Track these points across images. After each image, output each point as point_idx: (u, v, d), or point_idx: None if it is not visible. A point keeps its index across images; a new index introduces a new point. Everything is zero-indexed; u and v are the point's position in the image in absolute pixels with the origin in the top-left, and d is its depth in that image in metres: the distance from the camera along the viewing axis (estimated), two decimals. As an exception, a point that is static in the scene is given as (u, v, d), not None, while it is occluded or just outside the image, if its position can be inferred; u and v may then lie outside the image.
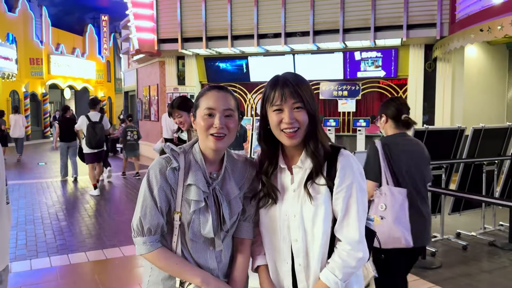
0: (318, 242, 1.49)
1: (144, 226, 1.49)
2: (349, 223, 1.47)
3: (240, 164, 1.64)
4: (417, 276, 4.13)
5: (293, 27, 10.70)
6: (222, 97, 1.54)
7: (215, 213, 1.53)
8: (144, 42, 12.07)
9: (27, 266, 4.47)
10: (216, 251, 1.57)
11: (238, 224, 1.63)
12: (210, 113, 1.52)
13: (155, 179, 1.50)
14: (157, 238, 1.52)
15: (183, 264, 1.52)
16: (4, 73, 17.33)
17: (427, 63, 10.68)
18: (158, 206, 1.50)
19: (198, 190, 1.50)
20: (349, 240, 1.47)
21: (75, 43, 28.51)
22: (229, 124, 1.53)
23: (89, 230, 5.75)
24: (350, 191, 1.47)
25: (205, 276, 1.51)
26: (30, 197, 7.92)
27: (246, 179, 1.63)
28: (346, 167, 1.49)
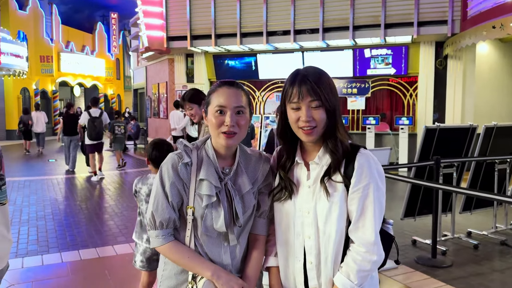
0: (331, 241, 1.46)
1: (156, 220, 1.52)
2: (365, 224, 1.44)
3: (254, 159, 1.63)
4: (427, 275, 4.10)
5: (302, 24, 10.68)
6: (233, 94, 1.53)
7: (228, 207, 1.54)
8: (154, 40, 12.11)
9: (38, 261, 4.50)
10: (230, 246, 1.57)
11: (254, 220, 1.63)
12: (221, 110, 1.51)
13: (167, 175, 1.53)
14: (169, 231, 1.54)
15: (195, 258, 1.53)
16: (15, 70, 17.48)
17: (438, 60, 10.61)
18: (169, 201, 1.52)
19: (210, 185, 1.50)
20: (363, 242, 1.43)
21: (84, 41, 28.69)
22: (240, 121, 1.52)
23: (99, 226, 5.79)
24: (366, 191, 1.43)
25: (216, 269, 1.51)
26: (41, 194, 7.99)
27: (260, 174, 1.61)
28: (364, 166, 1.44)
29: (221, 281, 1.49)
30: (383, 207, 1.48)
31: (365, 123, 10.76)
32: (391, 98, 11.71)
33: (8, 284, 3.83)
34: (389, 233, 1.58)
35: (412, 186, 4.96)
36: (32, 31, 22.52)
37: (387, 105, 11.77)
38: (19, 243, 5.07)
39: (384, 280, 3.99)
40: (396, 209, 6.32)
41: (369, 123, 10.66)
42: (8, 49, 16.53)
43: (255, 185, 1.60)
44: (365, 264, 1.43)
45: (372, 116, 10.86)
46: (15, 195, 7.79)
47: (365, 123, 10.78)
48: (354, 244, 1.46)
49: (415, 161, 4.89)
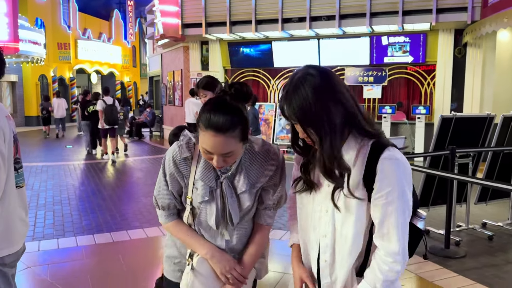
0: (348, 242, 1.40)
1: (158, 203, 1.65)
2: (389, 232, 1.34)
3: (259, 159, 1.60)
4: (440, 265, 4.07)
5: (318, 11, 10.53)
6: (218, 143, 1.42)
7: (221, 206, 1.58)
8: (169, 27, 12.10)
9: (54, 244, 4.60)
10: (226, 238, 1.64)
11: (258, 211, 1.68)
12: (208, 152, 1.46)
13: (168, 166, 1.60)
14: (171, 212, 1.66)
15: (193, 237, 1.63)
16: (33, 57, 17.70)
17: (457, 48, 10.38)
18: (169, 189, 1.61)
19: (204, 185, 1.55)
20: (389, 251, 1.35)
21: (101, 28, 28.86)
22: (228, 161, 1.49)
23: (113, 212, 5.88)
24: (390, 198, 1.32)
25: (211, 248, 1.61)
26: (58, 179, 8.14)
27: (264, 176, 1.60)
28: (387, 171, 1.31)
29: (214, 259, 1.59)
30: (409, 212, 1.36)
31: (381, 112, 10.62)
32: (408, 86, 11.52)
33: (25, 266, 3.93)
34: (419, 228, 1.50)
35: (426, 176, 4.90)
36: (49, 18, 22.74)
37: (404, 94, 11.60)
38: (36, 227, 5.18)
39: (396, 269, 3.97)
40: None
41: (385, 112, 10.52)
42: (27, 36, 16.72)
43: (256, 185, 1.60)
44: (391, 275, 1.36)
45: (389, 105, 10.71)
46: (32, 180, 7.95)
47: (381, 112, 10.64)
48: (380, 253, 1.38)
49: (430, 151, 4.81)
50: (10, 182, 1.96)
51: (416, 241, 1.52)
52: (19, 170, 2.07)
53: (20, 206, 2.07)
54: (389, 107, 10.56)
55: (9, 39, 14.50)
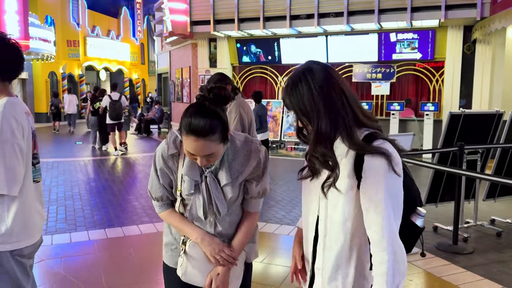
0: (335, 227, 1.45)
1: (152, 195, 1.81)
2: (374, 221, 1.36)
3: (242, 154, 1.71)
4: (448, 261, 4.10)
5: (326, 7, 10.54)
6: (200, 147, 1.55)
7: (207, 198, 1.70)
8: (177, 24, 12.17)
9: (67, 238, 4.69)
10: (214, 225, 1.77)
11: (246, 199, 1.82)
12: (191, 154, 1.59)
13: (158, 161, 1.74)
14: (165, 203, 1.82)
15: (185, 223, 1.78)
16: (43, 54, 17.86)
17: (466, 45, 10.34)
18: (160, 182, 1.77)
19: (189, 180, 1.69)
20: (374, 240, 1.37)
21: (110, 26, 28.99)
22: (211, 160, 1.62)
23: (124, 206, 5.96)
24: (376, 188, 1.35)
25: (202, 233, 1.75)
26: (69, 174, 8.25)
27: (247, 169, 1.72)
28: (373, 163, 1.35)
29: (204, 242, 1.73)
30: (398, 202, 1.38)
31: (390, 109, 10.61)
32: (417, 83, 11.50)
33: (39, 259, 4.02)
34: (416, 225, 1.52)
35: (435, 172, 4.91)
36: (59, 16, 22.89)
37: (412, 90, 11.57)
38: (48, 221, 5.27)
39: (404, 265, 4.00)
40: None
41: (394, 109, 10.51)
42: (37, 34, 16.87)
43: (239, 178, 1.72)
44: (382, 267, 1.34)
45: (397, 101, 10.70)
46: (44, 176, 8.05)
47: (389, 109, 10.63)
48: (371, 246, 1.40)
49: (438, 147, 4.83)
50: (28, 177, 2.03)
51: (414, 238, 1.54)
52: (36, 165, 2.14)
53: (37, 200, 2.14)
54: (397, 104, 10.54)
55: (20, 36, 14.63)
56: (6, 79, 2.03)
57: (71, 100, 16.90)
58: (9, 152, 1.88)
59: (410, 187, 1.49)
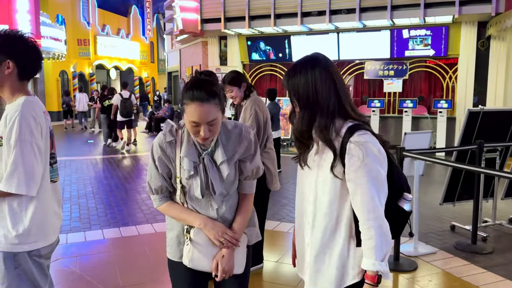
0: (323, 208, 1.63)
1: (152, 187, 1.86)
2: (360, 203, 1.54)
3: (234, 135, 1.85)
4: (467, 261, 4.02)
5: (338, 4, 10.45)
6: (204, 112, 1.68)
7: (205, 178, 1.80)
8: (188, 22, 12.16)
9: (81, 237, 4.69)
10: (216, 208, 1.84)
11: (240, 182, 1.91)
12: (196, 124, 1.70)
13: (156, 151, 1.82)
14: (164, 195, 1.88)
15: (186, 212, 1.85)
16: (54, 53, 17.98)
17: (480, 41, 10.19)
18: (159, 172, 1.83)
19: (188, 161, 1.77)
20: (361, 219, 1.55)
21: (120, 24, 29.10)
22: (213, 129, 1.73)
23: (139, 205, 5.95)
24: (358, 173, 1.52)
25: (204, 219, 1.83)
26: (82, 173, 8.28)
27: (239, 149, 1.85)
28: (353, 150, 1.53)
29: (207, 227, 1.81)
30: (381, 185, 1.55)
31: (402, 106, 10.49)
32: (430, 80, 11.36)
33: (54, 258, 4.01)
34: (404, 209, 1.66)
35: (452, 170, 4.83)
36: (70, 15, 23.01)
37: (425, 87, 11.44)
38: (63, 220, 5.28)
39: (423, 265, 3.94)
40: (433, 193, 6.20)
41: (407, 106, 10.39)
42: (48, 33, 16.98)
43: (234, 157, 1.84)
44: (370, 242, 1.52)
45: (410, 99, 10.57)
46: (57, 174, 8.09)
47: (402, 106, 10.51)
48: (360, 225, 1.57)
49: (456, 145, 4.74)
50: (45, 177, 2.01)
51: (403, 221, 1.69)
52: (54, 165, 2.11)
53: (54, 200, 2.12)
54: (410, 101, 10.42)
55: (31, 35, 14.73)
56: (24, 78, 2.01)
57: (82, 98, 17.53)
58: (28, 152, 1.86)
59: (397, 174, 1.65)
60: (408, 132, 4.14)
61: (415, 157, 3.74)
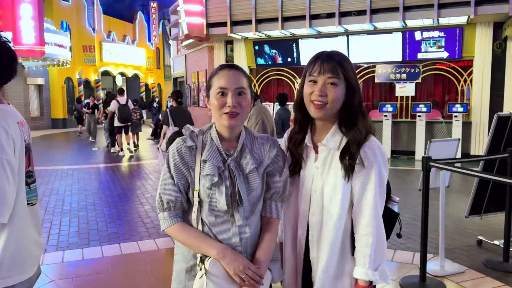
0: (333, 219, 1.56)
1: (163, 201, 1.57)
2: (364, 207, 1.54)
3: (260, 141, 1.65)
4: (500, 281, 3.64)
5: (348, 5, 10.12)
6: (233, 76, 1.56)
7: (231, 187, 1.54)
8: (193, 27, 11.90)
9: (79, 255, 4.37)
10: (238, 226, 1.56)
11: (265, 203, 1.64)
12: (222, 92, 1.55)
13: (173, 158, 1.58)
14: (177, 213, 1.58)
15: (201, 237, 1.55)
16: (59, 60, 17.81)
17: (496, 43, 9.80)
18: (175, 182, 1.56)
19: (212, 165, 1.53)
20: (362, 224, 1.54)
21: (125, 31, 29.02)
22: (241, 102, 1.55)
23: (141, 219, 5.63)
24: (369, 177, 1.53)
25: (222, 248, 1.52)
26: (83, 183, 7.98)
27: (267, 156, 1.62)
28: (369, 154, 1.53)
29: (226, 259, 1.49)
30: (384, 193, 1.58)
31: (416, 111, 10.10)
32: (443, 84, 10.96)
33: (48, 279, 3.70)
34: (394, 211, 1.73)
35: (479, 181, 4.45)
36: (75, 21, 22.91)
37: (439, 91, 11.04)
38: (60, 235, 4.97)
39: (451, 286, 3.57)
40: (454, 204, 5.81)
41: (420, 111, 10.00)
42: (52, 39, 16.82)
43: (261, 166, 1.61)
44: (366, 250, 1.52)
45: (423, 103, 10.17)
46: (58, 184, 7.80)
47: (415, 111, 10.12)
48: (357, 230, 1.56)
49: (484, 154, 4.37)
50: (20, 199, 1.68)
51: (392, 222, 1.75)
52: (31, 185, 1.78)
53: (32, 226, 1.79)
54: (423, 105, 10.03)
55: (35, 42, 14.58)
56: None
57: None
58: None
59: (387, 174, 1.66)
60: (434, 140, 3.78)
61: (445, 168, 3.38)
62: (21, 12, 14.45)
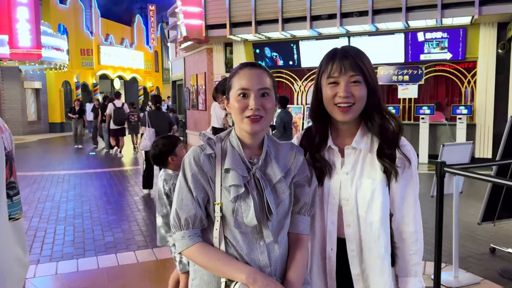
0: (374, 228, 1.43)
1: (181, 217, 1.37)
2: (407, 213, 1.45)
3: (285, 149, 1.50)
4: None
5: (349, 6, 9.94)
6: (256, 75, 1.39)
7: (258, 199, 1.37)
8: (192, 29, 11.70)
9: (73, 266, 4.16)
10: (267, 244, 1.37)
11: (293, 218, 1.47)
12: (244, 93, 1.38)
13: (189, 168, 1.39)
14: (196, 232, 1.38)
15: (226, 260, 1.35)
16: (56, 63, 17.60)
17: (500, 43, 9.63)
18: (194, 196, 1.37)
19: (236, 174, 1.35)
20: (408, 232, 1.45)
21: (123, 34, 28.85)
22: (265, 104, 1.39)
23: (138, 226, 5.42)
24: (408, 179, 1.45)
25: (251, 271, 1.32)
26: (80, 188, 7.77)
27: (293, 164, 1.47)
28: (409, 153, 1.45)
29: (257, 284, 1.30)
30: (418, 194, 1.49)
31: (419, 113, 9.91)
32: (447, 85, 10.79)
33: (40, 294, 3.49)
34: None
35: (492, 186, 4.26)
36: (72, 24, 22.73)
37: (442, 93, 10.87)
38: (54, 245, 4.76)
39: (467, 298, 3.37)
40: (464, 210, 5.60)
41: (423, 113, 9.81)
42: (49, 43, 16.61)
43: (289, 175, 1.45)
44: (417, 257, 1.45)
45: (427, 105, 9.99)
46: (53, 191, 7.59)
47: (418, 113, 9.93)
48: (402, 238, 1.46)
49: (498, 158, 4.18)
50: (1, 213, 1.48)
51: None
52: (14, 197, 1.58)
53: (15, 242, 1.58)
54: (427, 107, 9.84)
55: (31, 45, 14.39)
56: None
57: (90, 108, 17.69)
58: None
59: None
60: (447, 144, 3.59)
61: (461, 174, 3.18)
62: (17, 15, 14.26)
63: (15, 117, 19.07)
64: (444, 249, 4.01)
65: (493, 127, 9.59)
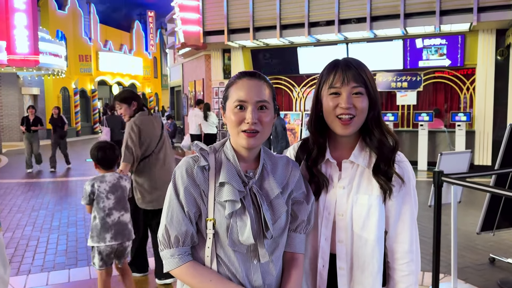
0: (369, 246, 1.37)
1: (170, 234, 1.29)
2: (402, 232, 1.40)
3: (281, 163, 1.43)
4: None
5: (348, 13, 9.92)
6: (254, 86, 1.33)
7: (255, 216, 1.30)
8: (190, 35, 11.68)
9: (65, 277, 4.07)
10: (262, 264, 1.32)
11: (289, 236, 1.41)
12: (241, 105, 1.31)
13: (181, 181, 1.31)
14: (186, 250, 1.31)
15: (219, 280, 1.28)
16: (54, 70, 17.56)
17: (499, 50, 9.61)
18: (185, 211, 1.30)
19: (232, 189, 1.28)
20: (402, 252, 1.40)
21: (122, 40, 28.87)
22: (263, 118, 1.32)
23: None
24: (405, 198, 1.40)
25: None
26: (75, 196, 7.68)
27: (290, 180, 1.41)
28: (406, 171, 1.42)
29: None
30: (416, 212, 1.44)
31: (418, 120, 9.86)
32: (446, 92, 10.75)
33: (28, 306, 3.41)
34: None
35: (491, 195, 4.19)
36: (71, 30, 22.74)
37: (441, 100, 10.82)
38: (46, 254, 4.68)
39: (466, 311, 3.29)
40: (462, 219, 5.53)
41: (422, 120, 9.76)
42: (47, 49, 16.58)
43: (286, 191, 1.39)
44: (410, 278, 1.39)
45: (426, 112, 9.94)
46: (48, 198, 7.51)
47: (417, 120, 9.88)
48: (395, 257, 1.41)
49: (496, 167, 4.12)
50: None
51: None
52: None
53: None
54: (426, 114, 9.79)
55: (29, 51, 14.35)
56: None
57: None
58: None
59: None
60: (445, 152, 3.52)
61: (459, 184, 3.11)
62: (15, 21, 14.23)
63: (13, 123, 19.00)
64: (442, 259, 3.95)
65: (492, 134, 9.54)
